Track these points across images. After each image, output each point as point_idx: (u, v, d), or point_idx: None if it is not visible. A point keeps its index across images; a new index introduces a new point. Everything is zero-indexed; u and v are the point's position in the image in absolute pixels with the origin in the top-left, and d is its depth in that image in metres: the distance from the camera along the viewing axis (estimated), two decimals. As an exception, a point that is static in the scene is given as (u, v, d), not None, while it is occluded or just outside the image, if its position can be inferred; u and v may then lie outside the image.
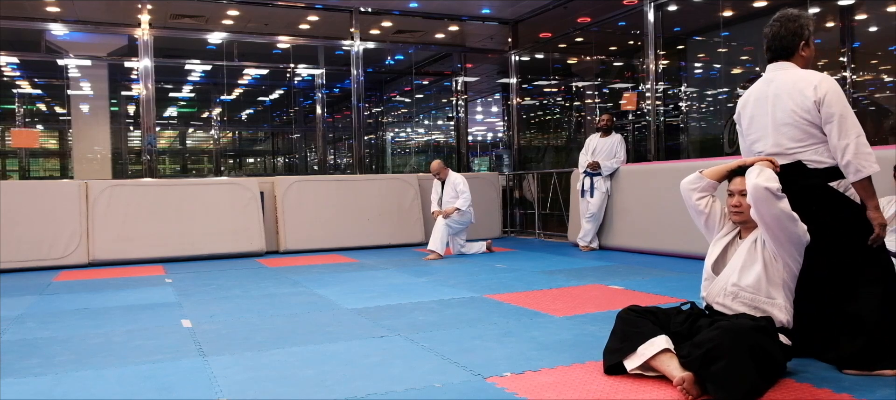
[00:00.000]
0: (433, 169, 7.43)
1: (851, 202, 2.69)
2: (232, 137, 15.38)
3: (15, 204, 6.80)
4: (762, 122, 2.85)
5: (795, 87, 2.73)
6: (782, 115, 2.76)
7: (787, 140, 2.76)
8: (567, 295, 4.52)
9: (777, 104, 2.78)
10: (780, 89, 2.78)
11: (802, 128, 2.71)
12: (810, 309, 2.72)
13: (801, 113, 2.70)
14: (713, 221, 2.86)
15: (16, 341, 3.46)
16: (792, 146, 2.75)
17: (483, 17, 10.27)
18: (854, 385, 2.41)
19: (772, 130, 2.80)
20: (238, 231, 7.64)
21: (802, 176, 2.73)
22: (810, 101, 2.67)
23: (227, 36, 9.60)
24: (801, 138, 2.72)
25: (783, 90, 2.77)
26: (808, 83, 2.70)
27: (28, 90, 11.39)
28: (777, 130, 2.78)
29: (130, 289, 5.26)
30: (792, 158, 2.75)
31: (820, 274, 2.68)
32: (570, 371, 2.67)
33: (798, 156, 2.73)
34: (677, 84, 9.81)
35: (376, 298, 4.52)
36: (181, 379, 2.70)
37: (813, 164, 2.71)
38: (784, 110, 2.75)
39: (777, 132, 2.78)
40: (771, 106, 2.80)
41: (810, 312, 2.72)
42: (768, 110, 2.81)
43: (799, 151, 2.73)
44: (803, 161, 2.72)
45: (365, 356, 2.99)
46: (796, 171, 2.74)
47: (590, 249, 7.47)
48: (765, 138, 2.84)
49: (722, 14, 8.25)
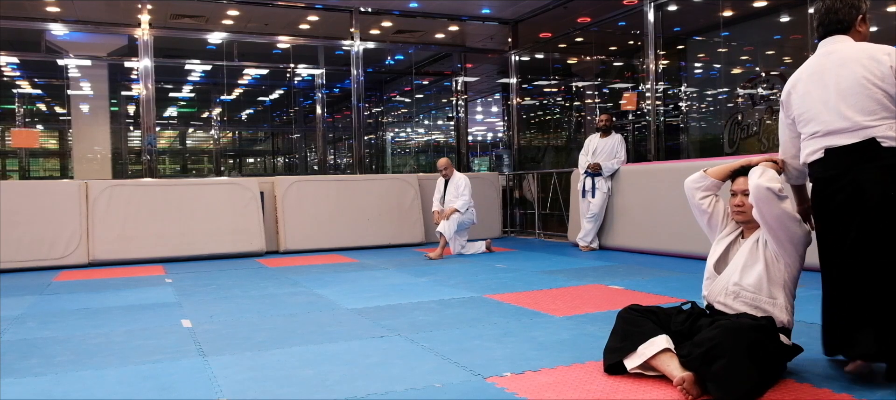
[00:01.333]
0: (440, 165, 7.48)
1: None
2: (232, 137, 15.38)
3: (15, 204, 6.80)
4: (820, 95, 2.48)
5: (865, 52, 2.41)
6: (849, 83, 2.40)
7: (854, 112, 2.38)
8: (567, 295, 4.52)
9: (842, 73, 2.43)
10: (846, 57, 2.45)
11: (876, 98, 2.35)
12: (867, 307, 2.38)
13: (874, 80, 2.35)
14: (716, 221, 2.86)
15: (16, 341, 3.46)
16: (860, 119, 2.37)
17: (483, 17, 10.27)
18: (854, 385, 2.41)
19: (834, 102, 2.43)
20: (238, 231, 7.64)
21: (872, 156, 2.35)
22: (887, 67, 2.35)
23: (227, 36, 9.60)
24: (872, 110, 2.35)
25: (850, 57, 2.43)
26: (882, 50, 2.39)
27: (28, 90, 11.39)
28: (842, 101, 2.41)
29: (130, 289, 5.26)
30: (859, 136, 2.37)
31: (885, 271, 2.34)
32: (570, 371, 2.67)
33: (869, 131, 2.35)
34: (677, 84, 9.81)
35: (376, 298, 4.52)
36: (181, 379, 2.70)
37: (888, 142, 2.33)
38: (852, 78, 2.40)
39: (842, 103, 2.41)
40: (834, 76, 2.45)
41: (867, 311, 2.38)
42: (829, 81, 2.46)
43: (870, 126, 2.35)
44: (877, 137, 2.34)
45: (365, 356, 2.99)
46: (864, 151, 2.37)
47: (590, 249, 7.47)
48: (824, 113, 2.46)
49: (722, 14, 8.25)
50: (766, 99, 7.99)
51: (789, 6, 8.10)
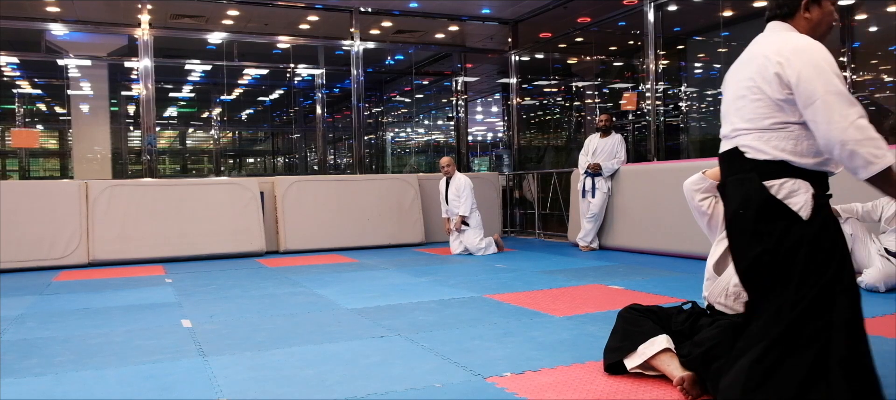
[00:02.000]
0: (442, 163, 7.55)
1: (791, 213, 1.95)
2: (232, 137, 15.38)
3: (15, 204, 6.80)
4: (726, 97, 2.20)
5: (769, 49, 2.02)
6: (743, 82, 2.08)
7: (736, 116, 2.08)
8: (567, 295, 4.51)
9: (743, 71, 2.12)
10: (754, 53, 2.10)
11: (755, 101, 2.02)
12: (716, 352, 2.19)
13: (758, 80, 2.01)
14: (716, 222, 2.85)
15: (16, 341, 3.46)
16: (738, 124, 2.07)
17: (483, 17, 10.27)
18: (854, 385, 2.41)
19: (726, 103, 2.16)
20: (238, 231, 7.64)
21: (735, 167, 2.07)
22: (772, 71, 1.97)
23: (227, 36, 9.60)
24: (748, 116, 2.03)
25: (756, 53, 2.09)
26: (780, 52, 1.98)
27: (28, 90, 11.39)
28: (732, 102, 2.12)
29: (130, 289, 5.26)
30: (731, 144, 2.09)
31: None
32: (570, 371, 2.67)
33: (738, 140, 2.06)
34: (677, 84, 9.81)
35: (376, 298, 4.52)
36: (181, 379, 2.70)
37: (752, 153, 2.01)
38: (745, 77, 2.07)
39: (732, 104, 2.12)
40: (738, 74, 2.16)
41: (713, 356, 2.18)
42: (733, 80, 2.18)
43: (740, 134, 2.06)
44: (740, 147, 2.04)
45: (365, 356, 2.99)
46: (732, 162, 2.09)
47: (590, 249, 7.47)
48: (724, 115, 2.19)
49: (722, 14, 8.25)
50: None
51: (789, 6, 8.09)
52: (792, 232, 1.93)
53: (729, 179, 2.11)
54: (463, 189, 7.37)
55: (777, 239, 1.94)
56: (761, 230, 1.97)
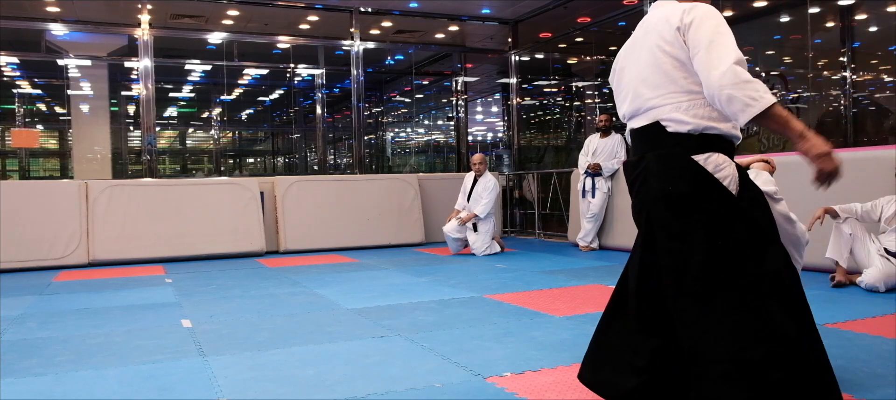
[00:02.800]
0: (475, 160, 7.43)
1: (723, 189, 1.88)
2: (232, 137, 15.38)
3: (15, 204, 6.80)
4: (628, 74, 2.11)
5: (664, 14, 1.97)
6: (645, 55, 2.00)
7: (646, 87, 1.99)
8: (567, 295, 4.52)
9: (643, 43, 2.03)
10: (650, 23, 2.03)
11: (663, 69, 1.94)
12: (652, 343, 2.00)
13: (663, 46, 1.94)
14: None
15: (16, 341, 3.46)
16: (649, 96, 1.97)
17: (483, 17, 10.27)
18: (854, 385, 2.41)
19: (632, 78, 2.07)
20: (238, 231, 7.64)
21: (658, 143, 1.96)
22: (673, 29, 1.91)
23: (227, 36, 9.60)
24: (658, 84, 1.95)
25: (652, 23, 2.02)
26: (676, 11, 1.94)
27: (28, 90, 11.39)
28: (638, 77, 2.03)
29: (130, 289, 5.26)
30: (648, 117, 1.99)
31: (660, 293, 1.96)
32: (570, 371, 2.67)
33: (655, 112, 1.96)
34: (677, 84, 9.81)
35: (376, 298, 4.52)
36: (181, 379, 2.70)
37: (673, 126, 1.93)
38: (647, 48, 2.00)
39: (637, 79, 2.03)
40: (637, 47, 2.07)
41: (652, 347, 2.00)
42: (633, 57, 2.09)
43: (655, 106, 1.96)
44: (660, 120, 1.95)
45: (365, 356, 2.99)
46: (650, 136, 1.99)
47: (590, 249, 7.47)
48: (628, 96, 2.08)
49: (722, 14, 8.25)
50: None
51: (789, 6, 8.10)
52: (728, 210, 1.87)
53: (647, 155, 1.99)
54: (489, 190, 7.22)
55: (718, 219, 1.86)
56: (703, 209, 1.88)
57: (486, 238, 7.25)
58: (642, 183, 2.02)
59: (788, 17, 8.23)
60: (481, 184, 7.31)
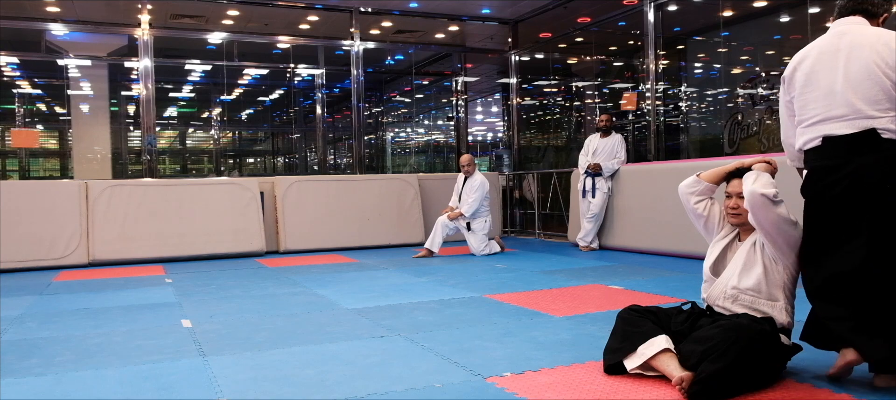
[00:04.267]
0: (463, 161, 7.45)
1: None
2: (232, 137, 15.38)
3: (15, 204, 6.80)
4: (827, 78, 2.36)
5: (880, 38, 2.28)
6: (859, 68, 2.28)
7: (859, 100, 2.26)
8: (567, 295, 4.52)
9: (852, 56, 2.30)
10: (859, 40, 2.32)
11: (883, 87, 2.24)
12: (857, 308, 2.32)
13: (884, 68, 2.24)
14: (712, 224, 2.86)
15: (16, 341, 3.46)
16: (864, 108, 2.25)
17: (483, 17, 10.27)
18: (854, 385, 2.41)
19: (841, 88, 2.31)
20: (238, 231, 7.64)
21: (873, 147, 2.25)
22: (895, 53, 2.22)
23: (227, 36, 9.60)
24: (877, 100, 2.24)
25: (863, 41, 2.31)
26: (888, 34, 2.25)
27: (28, 90, 11.39)
28: (849, 88, 2.29)
29: (130, 289, 5.26)
30: (860, 126, 2.27)
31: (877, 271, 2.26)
32: (570, 371, 2.67)
33: (871, 122, 2.25)
34: (677, 84, 9.82)
35: (376, 298, 4.52)
36: (181, 379, 2.70)
37: (889, 134, 2.24)
38: (862, 64, 2.28)
39: (849, 90, 2.29)
40: (843, 59, 2.33)
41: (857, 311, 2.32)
42: (838, 65, 2.34)
43: (873, 116, 2.24)
44: (877, 129, 2.24)
45: (365, 356, 2.99)
46: (864, 142, 2.26)
47: (590, 249, 7.47)
48: (829, 98, 2.34)
49: (722, 14, 8.26)
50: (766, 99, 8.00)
51: (789, 6, 8.10)
52: None
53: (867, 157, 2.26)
54: (474, 189, 7.21)
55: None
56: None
57: (482, 237, 7.24)
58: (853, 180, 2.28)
59: (788, 17, 8.23)
60: (469, 184, 7.32)
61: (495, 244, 7.36)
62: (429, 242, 7.15)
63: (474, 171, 7.38)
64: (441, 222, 7.18)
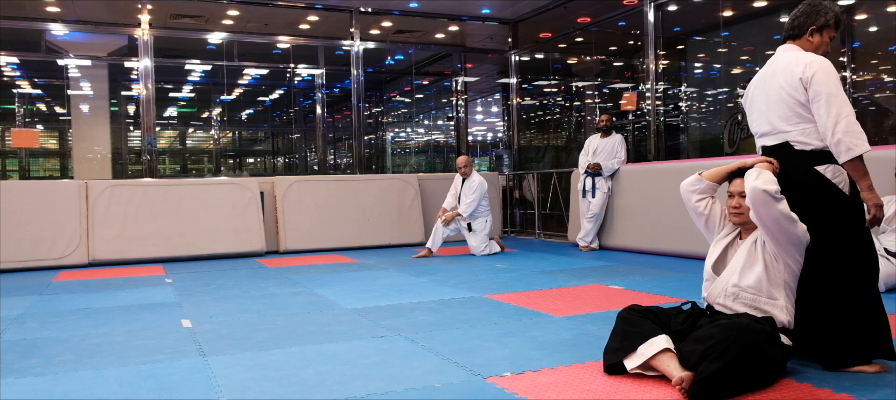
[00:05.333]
0: (459, 163, 7.41)
1: (837, 189, 2.63)
2: (232, 137, 15.38)
3: (15, 204, 6.80)
4: (759, 101, 2.85)
5: (788, 65, 2.72)
6: (774, 91, 2.75)
7: (776, 118, 2.74)
8: (567, 295, 4.52)
9: (771, 82, 2.78)
10: (776, 68, 2.79)
11: (789, 105, 2.68)
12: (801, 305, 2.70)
13: (788, 89, 2.68)
14: (713, 223, 2.86)
15: (16, 341, 3.46)
16: (780, 125, 2.73)
17: (483, 17, 10.27)
18: (854, 385, 2.41)
19: (765, 109, 2.80)
20: (238, 231, 7.64)
21: (788, 158, 2.71)
22: (796, 78, 2.64)
23: (227, 36, 9.60)
24: (787, 117, 2.69)
25: (778, 68, 2.77)
26: (799, 62, 2.68)
27: (28, 90, 11.39)
28: (769, 108, 2.78)
29: (130, 289, 5.26)
30: (779, 139, 2.74)
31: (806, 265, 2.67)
32: (570, 371, 2.67)
33: (785, 136, 2.72)
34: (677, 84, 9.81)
35: (376, 298, 4.52)
36: (181, 379, 2.70)
37: (799, 146, 2.68)
38: (776, 87, 2.74)
39: (769, 110, 2.78)
40: (767, 84, 2.81)
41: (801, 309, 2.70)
42: (764, 89, 2.82)
43: (786, 131, 2.71)
44: (790, 141, 2.70)
45: (365, 356, 2.99)
46: (782, 152, 2.73)
47: (590, 249, 7.47)
48: (759, 118, 2.85)
49: (722, 14, 8.25)
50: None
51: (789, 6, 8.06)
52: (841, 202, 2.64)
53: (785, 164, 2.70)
54: (473, 189, 7.19)
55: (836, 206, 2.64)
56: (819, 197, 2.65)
57: (483, 238, 7.24)
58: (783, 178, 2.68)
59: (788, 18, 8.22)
60: (467, 185, 7.30)
61: (495, 244, 7.36)
62: (429, 241, 7.15)
63: (471, 172, 7.37)
64: (440, 223, 7.18)
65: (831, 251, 2.62)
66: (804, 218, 2.61)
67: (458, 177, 7.46)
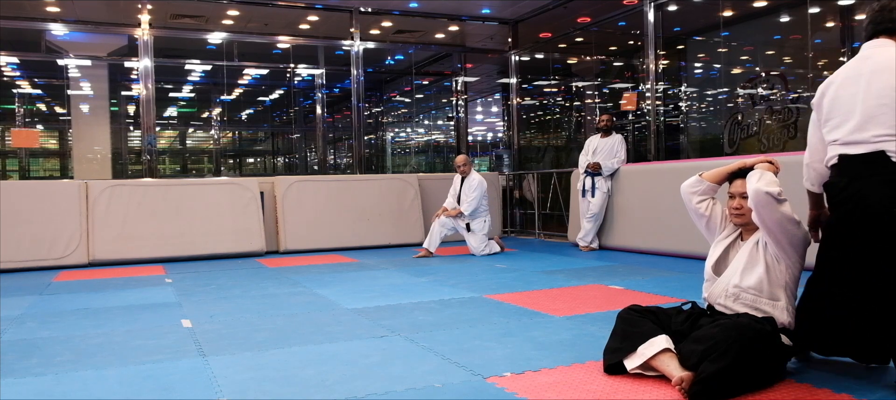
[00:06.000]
0: (458, 162, 7.42)
1: None
2: (232, 137, 15.38)
3: (15, 204, 6.80)
4: (849, 102, 2.43)
5: None
6: (878, 92, 2.34)
7: (873, 125, 2.33)
8: (567, 295, 4.52)
9: (873, 80, 2.37)
10: (881, 65, 2.38)
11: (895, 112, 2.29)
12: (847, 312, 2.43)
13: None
14: (714, 224, 2.86)
15: (16, 341, 3.46)
16: (878, 133, 2.32)
17: (483, 17, 10.27)
18: (854, 385, 2.41)
19: (860, 110, 2.38)
20: (238, 231, 7.64)
21: (881, 168, 2.31)
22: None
23: (227, 36, 9.60)
24: (891, 124, 2.29)
25: (885, 64, 2.36)
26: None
27: (28, 90, 11.39)
28: (867, 111, 2.35)
29: (130, 289, 5.26)
30: (873, 148, 2.33)
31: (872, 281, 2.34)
32: (570, 371, 2.67)
33: (882, 145, 2.31)
34: (677, 84, 9.81)
35: (376, 298, 4.52)
36: (181, 379, 2.70)
37: None
38: (882, 87, 2.33)
39: (866, 113, 2.35)
40: (864, 83, 2.40)
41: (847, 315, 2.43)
42: (859, 88, 2.41)
43: (884, 140, 2.30)
44: (887, 152, 2.30)
45: (365, 356, 2.99)
46: (873, 163, 2.33)
47: (590, 249, 7.47)
48: (848, 121, 2.42)
49: (722, 14, 8.25)
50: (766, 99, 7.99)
51: (789, 6, 8.10)
52: None
53: (871, 180, 2.32)
54: (473, 188, 7.20)
55: None
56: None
57: (482, 238, 7.24)
58: (858, 200, 2.35)
59: (788, 17, 8.23)
60: (467, 184, 7.30)
61: (495, 244, 7.36)
62: (426, 242, 7.15)
63: (471, 171, 7.37)
64: (437, 223, 7.17)
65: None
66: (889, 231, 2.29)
67: (458, 176, 7.47)
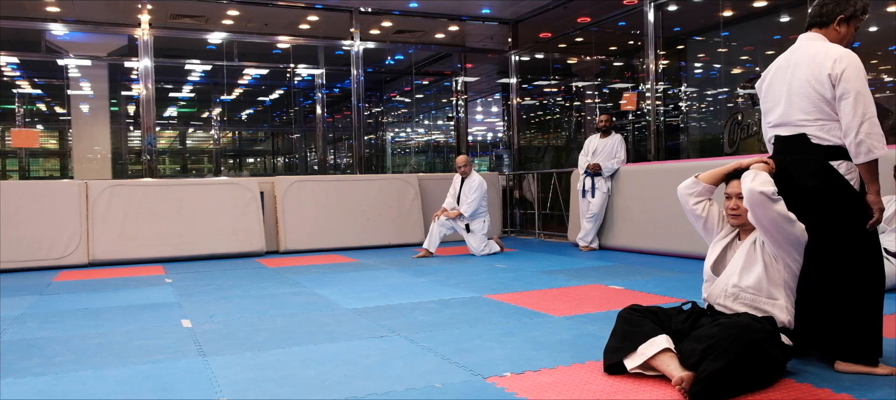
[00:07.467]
0: (459, 162, 7.41)
1: (848, 185, 2.59)
2: (232, 137, 15.38)
3: (15, 204, 6.80)
4: (778, 90, 2.76)
5: (815, 57, 2.62)
6: (798, 84, 2.66)
7: (796, 111, 2.66)
8: (567, 295, 4.52)
9: (795, 73, 2.68)
10: (802, 58, 2.68)
11: (813, 100, 2.60)
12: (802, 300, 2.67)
13: (814, 84, 2.59)
14: (711, 224, 2.86)
15: (16, 341, 3.46)
16: (800, 118, 2.65)
17: (483, 17, 10.27)
18: (854, 385, 2.41)
19: (784, 99, 2.71)
20: (238, 231, 7.64)
21: (803, 149, 2.64)
22: (824, 74, 2.56)
23: (227, 36, 9.60)
24: (809, 111, 2.62)
25: (803, 59, 2.66)
26: (828, 56, 2.58)
27: (28, 90, 11.39)
28: (789, 100, 2.69)
29: (130, 289, 5.26)
30: (796, 130, 2.67)
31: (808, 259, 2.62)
32: (570, 371, 2.67)
33: (803, 129, 2.64)
34: (677, 84, 9.82)
35: (376, 298, 4.52)
36: (181, 379, 2.70)
37: (816, 140, 2.61)
38: (799, 79, 2.65)
39: (788, 102, 2.69)
40: (789, 74, 2.70)
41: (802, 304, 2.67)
42: (786, 79, 2.72)
43: (804, 125, 2.64)
44: (808, 134, 2.63)
45: (365, 356, 2.99)
46: (798, 144, 2.66)
47: (590, 249, 7.47)
48: (776, 108, 2.75)
49: (722, 14, 8.25)
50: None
51: (789, 6, 8.10)
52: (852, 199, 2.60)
53: (793, 158, 2.67)
54: (473, 189, 7.19)
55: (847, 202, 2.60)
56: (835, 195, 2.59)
57: (481, 238, 7.24)
58: (786, 176, 2.67)
59: (788, 17, 8.23)
60: (467, 184, 7.30)
61: (494, 244, 7.35)
62: (426, 242, 7.15)
63: (471, 171, 7.37)
64: (437, 224, 7.17)
65: (840, 247, 2.58)
66: (812, 213, 2.56)
67: (458, 177, 7.46)
